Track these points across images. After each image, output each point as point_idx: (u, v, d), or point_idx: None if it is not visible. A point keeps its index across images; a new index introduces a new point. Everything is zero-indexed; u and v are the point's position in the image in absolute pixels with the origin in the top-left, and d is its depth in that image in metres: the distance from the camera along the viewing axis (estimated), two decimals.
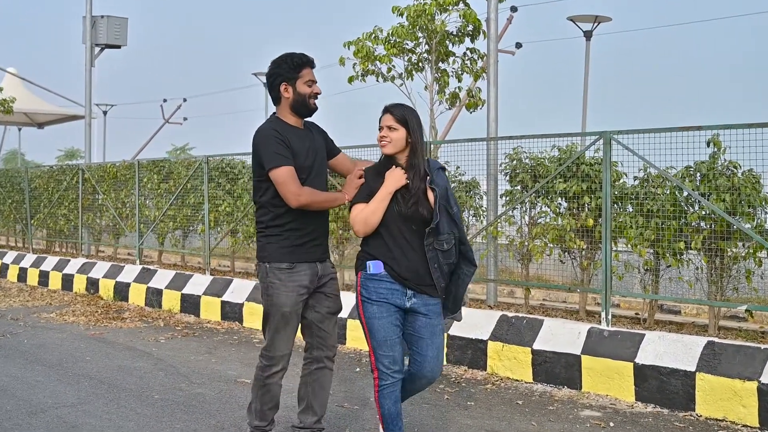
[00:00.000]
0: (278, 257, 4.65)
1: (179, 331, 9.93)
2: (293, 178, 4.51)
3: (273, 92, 4.73)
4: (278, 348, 4.74)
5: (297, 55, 4.68)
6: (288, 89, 4.66)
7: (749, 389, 5.97)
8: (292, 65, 4.66)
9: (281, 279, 4.65)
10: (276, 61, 4.70)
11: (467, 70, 10.18)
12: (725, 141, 6.96)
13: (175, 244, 13.68)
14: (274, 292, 4.67)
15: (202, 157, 12.19)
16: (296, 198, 4.51)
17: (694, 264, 7.37)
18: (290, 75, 4.66)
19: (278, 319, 4.69)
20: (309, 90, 4.68)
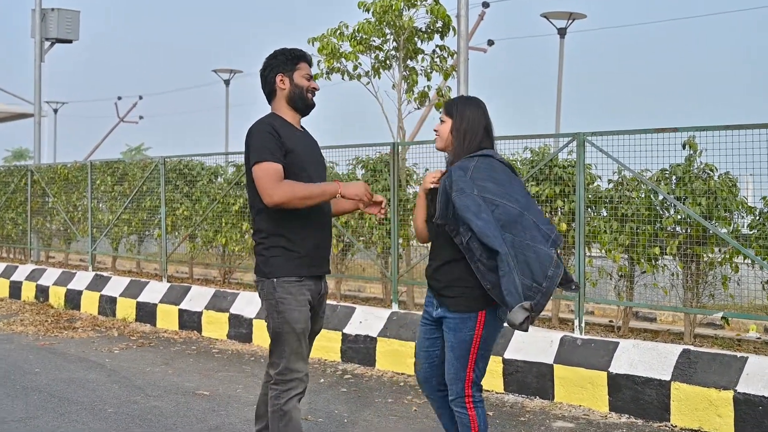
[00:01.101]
0: (287, 271, 4.41)
1: (134, 341, 9.88)
2: (272, 175, 4.26)
3: (267, 87, 4.58)
4: (297, 369, 4.44)
5: (294, 49, 4.61)
6: (284, 80, 4.51)
7: (725, 398, 6.07)
8: (290, 56, 4.55)
9: (292, 293, 4.42)
10: (271, 55, 4.60)
11: (437, 68, 10.25)
12: (702, 143, 7.08)
13: (130, 249, 13.60)
14: (287, 309, 4.40)
15: (158, 158, 12.15)
16: (269, 196, 4.24)
17: (669, 270, 7.48)
18: (287, 67, 4.53)
19: (294, 338, 4.43)
20: (307, 83, 4.55)
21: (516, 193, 4.13)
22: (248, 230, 10.96)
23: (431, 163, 9.08)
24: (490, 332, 4.25)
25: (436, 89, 10.33)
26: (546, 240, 4.06)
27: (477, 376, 4.28)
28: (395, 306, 8.86)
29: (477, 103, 4.41)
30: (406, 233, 9.19)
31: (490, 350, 4.31)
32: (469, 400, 4.28)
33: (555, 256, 4.04)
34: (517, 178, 4.26)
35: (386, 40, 10.09)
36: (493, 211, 4.06)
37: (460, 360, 4.26)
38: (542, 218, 4.13)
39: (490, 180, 4.13)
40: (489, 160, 4.22)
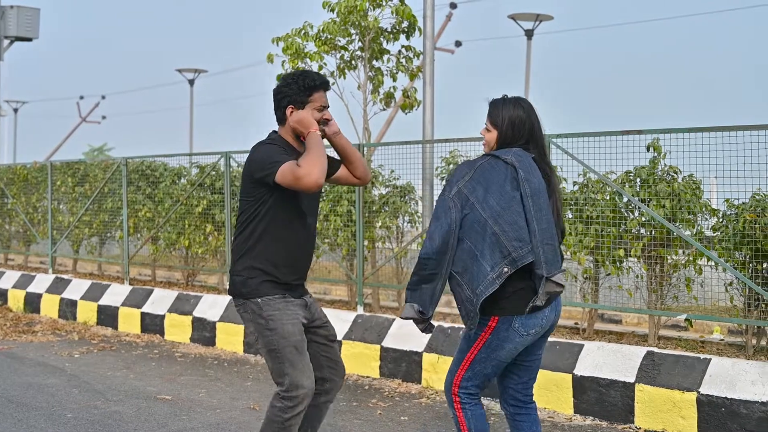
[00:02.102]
0: (266, 290, 4.35)
1: (95, 344, 9.80)
2: (292, 168, 4.15)
3: (278, 111, 4.47)
4: (302, 384, 4.31)
5: (310, 76, 4.44)
6: (294, 112, 4.41)
7: (688, 400, 6.15)
8: (303, 87, 4.39)
9: (280, 308, 4.35)
10: (286, 78, 4.46)
11: (402, 69, 10.27)
12: (666, 145, 7.16)
13: (91, 251, 13.51)
14: (278, 324, 4.32)
15: (120, 159, 12.07)
16: (306, 184, 4.12)
17: (634, 272, 7.55)
18: (299, 98, 4.39)
19: (292, 352, 4.32)
20: (319, 116, 4.43)
21: (494, 199, 4.03)
22: (212, 232, 10.93)
23: (397, 164, 9.12)
24: (497, 340, 4.12)
25: (402, 90, 10.35)
26: (503, 257, 3.98)
27: (469, 376, 4.20)
28: (360, 308, 8.86)
29: (521, 105, 4.29)
30: (372, 235, 9.21)
31: (494, 359, 4.16)
32: (456, 400, 4.25)
33: (492, 275, 3.97)
34: (507, 183, 4.07)
35: (351, 40, 10.10)
36: (466, 215, 4.05)
37: (460, 353, 4.25)
38: (513, 233, 3.99)
39: (483, 183, 4.08)
40: (495, 162, 4.13)
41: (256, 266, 4.36)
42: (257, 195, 4.35)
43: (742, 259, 6.86)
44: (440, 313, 9.70)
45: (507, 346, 4.14)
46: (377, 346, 8.07)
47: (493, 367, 4.21)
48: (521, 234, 4.00)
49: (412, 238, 9.24)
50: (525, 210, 4.03)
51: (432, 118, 9.82)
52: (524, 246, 3.99)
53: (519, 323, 4.09)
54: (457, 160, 8.61)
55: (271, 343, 4.33)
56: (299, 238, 4.45)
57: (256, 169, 4.29)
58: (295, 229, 4.42)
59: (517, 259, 3.98)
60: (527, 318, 4.09)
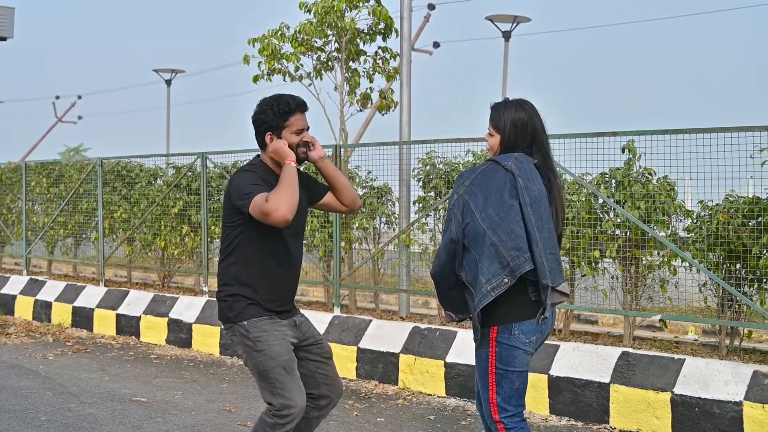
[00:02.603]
0: (252, 313, 4.33)
1: (70, 346, 9.74)
2: (263, 200, 4.13)
3: (257, 138, 4.46)
4: (293, 404, 4.27)
5: (284, 100, 4.38)
6: (273, 139, 4.36)
7: (662, 400, 6.19)
8: (278, 112, 4.35)
9: (267, 330, 4.32)
10: (261, 104, 4.42)
11: (379, 70, 10.28)
12: (640, 147, 7.21)
13: (66, 252, 13.44)
14: (265, 346, 4.29)
15: (95, 160, 12.01)
16: (274, 216, 4.08)
17: (609, 273, 7.60)
18: (276, 123, 4.35)
19: (281, 372, 4.29)
20: (297, 139, 4.39)
21: (493, 209, 3.97)
22: (188, 233, 10.89)
23: (374, 165, 9.13)
24: (505, 350, 4.02)
25: (379, 91, 10.36)
26: (502, 267, 3.92)
27: (503, 398, 4.05)
28: (337, 310, 8.87)
29: (524, 108, 4.22)
30: (348, 236, 9.22)
31: (514, 370, 4.04)
32: (501, 427, 4.06)
33: (487, 287, 3.93)
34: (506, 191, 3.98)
35: (328, 41, 10.10)
36: (467, 224, 4.01)
37: (482, 378, 4.12)
38: (511, 242, 3.93)
39: (483, 190, 4.02)
40: (495, 167, 4.05)
41: (239, 293, 4.36)
42: (236, 222, 4.34)
43: (716, 260, 6.92)
44: (416, 314, 9.73)
45: (517, 354, 4.04)
46: (354, 348, 8.08)
47: (519, 379, 4.08)
48: (518, 243, 3.94)
49: (389, 240, 9.26)
50: (525, 219, 3.97)
51: (409, 120, 9.85)
52: (521, 255, 3.93)
53: (518, 330, 4.02)
54: (434, 161, 8.63)
55: (260, 365, 4.31)
56: (281, 266, 4.42)
57: (234, 196, 4.30)
58: (277, 256, 4.40)
59: (515, 269, 3.91)
60: (525, 324, 4.03)
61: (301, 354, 4.49)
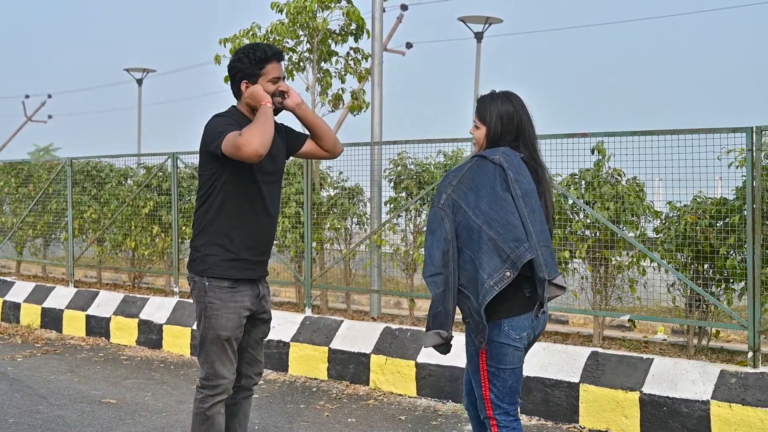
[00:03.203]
0: (220, 272, 4.34)
1: (39, 348, 9.66)
2: (235, 136, 4.09)
3: (233, 87, 4.45)
4: (221, 374, 4.38)
5: (260, 48, 4.37)
6: (248, 86, 4.37)
7: (631, 399, 6.24)
8: (255, 60, 4.33)
9: (222, 299, 4.35)
10: (237, 53, 4.41)
11: (351, 71, 10.29)
12: (610, 148, 7.27)
13: (35, 253, 13.32)
14: (213, 314, 4.34)
15: (65, 160, 11.92)
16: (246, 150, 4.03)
17: (579, 273, 7.65)
18: (252, 71, 4.34)
19: (218, 346, 4.37)
20: (273, 88, 4.37)
21: (486, 204, 3.90)
22: (158, 234, 10.84)
23: (345, 166, 9.13)
24: (496, 348, 3.96)
25: (351, 92, 10.37)
26: (502, 261, 3.82)
27: (496, 396, 4.00)
28: (308, 310, 8.86)
29: (510, 101, 4.16)
30: (320, 236, 9.21)
31: (505, 368, 3.99)
32: (493, 423, 4.03)
33: (489, 282, 3.81)
34: (497, 185, 3.92)
35: (300, 41, 10.09)
36: (459, 223, 3.92)
37: (475, 377, 4.07)
38: (509, 234, 3.84)
39: (473, 187, 3.94)
40: (483, 162, 3.99)
41: (214, 242, 4.36)
42: (212, 168, 4.32)
43: (684, 261, 6.99)
44: (388, 314, 9.74)
45: (508, 351, 3.97)
46: (325, 348, 8.07)
47: (511, 377, 4.01)
48: (517, 233, 3.85)
49: (360, 240, 9.26)
50: (518, 211, 3.90)
51: (380, 120, 9.86)
52: (521, 245, 3.83)
53: (507, 326, 3.94)
54: (405, 162, 8.65)
55: (203, 331, 4.40)
56: (257, 214, 4.41)
57: (207, 141, 4.28)
58: (252, 203, 4.39)
59: (516, 260, 3.81)
60: (515, 320, 3.95)
61: (247, 324, 4.53)
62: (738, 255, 6.65)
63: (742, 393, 5.88)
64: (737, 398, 5.87)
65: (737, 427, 5.80)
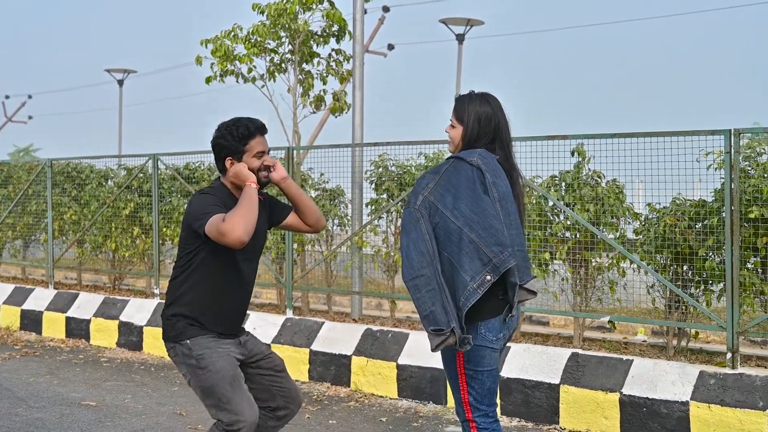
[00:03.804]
0: (194, 332, 4.26)
1: (18, 350, 9.60)
2: (219, 221, 4.05)
3: (218, 163, 4.40)
4: (242, 417, 4.16)
5: (243, 124, 4.30)
6: (234, 164, 4.29)
7: (611, 400, 6.27)
8: (238, 136, 4.27)
9: (209, 347, 4.24)
10: (220, 129, 4.35)
11: (332, 72, 10.28)
12: (590, 150, 7.29)
13: (14, 255, 13.24)
14: (209, 362, 4.22)
15: (45, 161, 11.85)
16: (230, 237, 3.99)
17: (559, 275, 7.67)
18: (235, 148, 4.27)
19: (228, 386, 4.20)
20: (258, 163, 4.30)
21: (466, 206, 3.86)
22: (139, 235, 10.79)
23: (326, 167, 9.13)
24: (473, 350, 3.91)
25: (333, 93, 10.36)
26: (483, 264, 3.80)
27: (474, 398, 3.98)
28: (289, 312, 8.84)
29: (488, 102, 4.14)
30: (301, 238, 9.19)
31: (483, 370, 3.96)
32: (473, 426, 4.01)
33: (473, 285, 3.79)
34: (477, 187, 3.89)
35: (281, 43, 10.07)
36: (436, 224, 3.89)
37: (452, 380, 4.03)
38: (491, 238, 3.81)
39: (451, 189, 3.90)
40: (460, 164, 3.95)
41: (184, 314, 4.30)
42: (194, 244, 4.27)
43: (663, 262, 7.02)
44: (369, 316, 9.73)
45: (485, 353, 3.95)
46: (306, 350, 8.06)
47: (489, 378, 4.01)
48: (500, 238, 3.83)
49: (342, 241, 9.25)
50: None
51: (362, 122, 9.86)
52: (504, 250, 3.82)
53: (484, 328, 3.92)
54: (386, 164, 8.65)
55: (205, 381, 4.23)
56: (231, 291, 4.36)
57: (191, 219, 4.23)
58: (228, 280, 4.34)
59: (499, 265, 3.80)
60: (491, 323, 3.94)
61: (250, 370, 4.43)
62: (717, 256, 6.68)
63: (721, 394, 5.91)
64: (716, 399, 5.90)
65: (716, 427, 5.84)
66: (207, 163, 10.33)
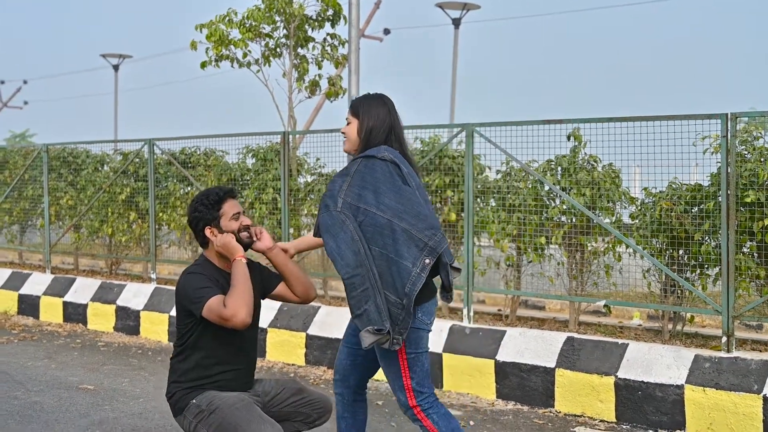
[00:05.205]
0: (198, 393, 4.27)
1: (16, 334, 9.60)
2: (218, 306, 4.09)
3: (198, 237, 4.44)
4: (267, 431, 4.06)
5: (212, 192, 4.39)
6: (213, 231, 4.33)
7: (606, 384, 6.28)
8: (209, 204, 4.34)
9: (216, 395, 4.23)
10: (193, 204, 4.41)
11: (327, 57, 10.25)
12: (586, 135, 7.28)
13: (11, 240, 13.22)
14: (218, 404, 4.17)
15: (41, 146, 11.81)
16: (233, 323, 4.05)
17: (555, 259, 7.67)
18: (211, 216, 4.33)
19: (242, 413, 4.12)
20: (236, 224, 4.36)
21: (390, 198, 3.98)
22: (135, 220, 10.78)
23: (322, 152, 9.11)
24: (413, 332, 4.03)
25: (328, 78, 10.33)
26: (420, 249, 3.92)
27: (417, 382, 4.07)
28: None
29: (383, 101, 4.28)
30: (297, 223, 9.18)
31: (422, 351, 4.09)
32: (418, 411, 4.08)
33: (416, 270, 3.91)
34: (396, 179, 4.04)
35: (276, 27, 10.04)
36: (361, 222, 3.96)
37: (392, 367, 4.09)
38: (422, 223, 3.95)
39: (369, 186, 4.00)
40: (371, 162, 4.06)
41: (187, 387, 4.29)
42: (189, 323, 4.28)
43: (659, 247, 7.02)
44: None
45: (423, 335, 4.09)
46: (303, 334, 8.07)
47: (426, 359, 4.13)
48: (431, 222, 3.97)
49: None
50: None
51: None
52: (437, 233, 3.96)
53: (421, 312, 4.05)
54: None
55: (219, 420, 4.15)
56: (235, 362, 4.35)
57: (185, 301, 4.25)
58: (229, 352, 4.32)
59: (435, 247, 3.94)
60: (426, 306, 4.08)
61: (274, 409, 4.40)
62: (712, 241, 6.68)
63: (716, 377, 5.93)
64: (711, 382, 5.92)
65: (711, 410, 5.85)
66: (203, 148, 10.30)
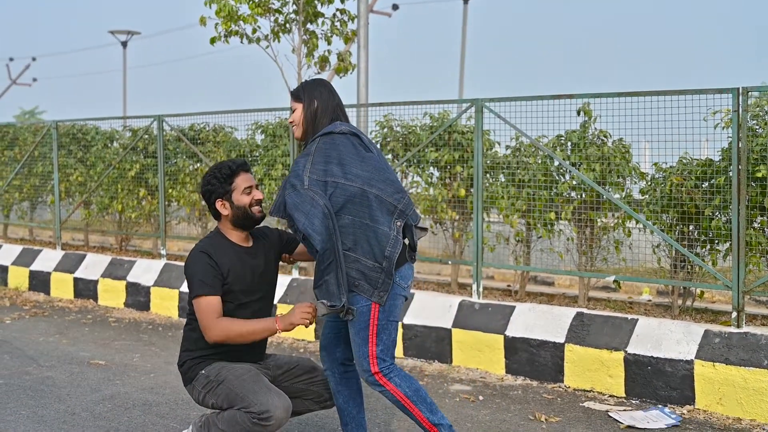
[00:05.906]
0: (207, 363, 4.35)
1: (27, 310, 9.64)
2: (211, 312, 4.18)
3: (212, 210, 4.48)
4: (272, 404, 4.06)
5: (225, 165, 4.42)
6: (225, 205, 4.39)
7: (616, 359, 6.28)
8: (222, 177, 4.38)
9: (224, 365, 4.30)
10: (206, 177, 4.45)
11: (337, 33, 10.20)
12: (596, 110, 7.24)
13: (22, 216, 13.25)
14: (226, 375, 4.23)
15: (50, 123, 11.81)
16: (207, 335, 4.18)
17: (565, 234, 7.65)
18: (223, 189, 4.38)
19: (248, 384, 4.16)
20: (248, 198, 4.40)
21: (357, 168, 4.08)
22: (145, 196, 10.79)
23: None
24: (390, 298, 4.10)
25: (337, 54, 10.28)
26: (390, 213, 4.04)
27: (382, 349, 4.12)
28: (295, 272, 8.85)
29: (323, 83, 4.38)
30: None
31: (392, 320, 4.15)
32: (380, 376, 4.14)
33: (393, 233, 4.02)
34: (359, 149, 4.16)
35: (286, 2, 9.99)
36: (331, 194, 4.03)
37: (361, 333, 4.13)
38: (390, 188, 4.08)
39: (333, 160, 4.08)
40: (330, 137, 4.15)
41: (198, 356, 4.37)
42: None
43: (669, 222, 6.99)
44: None
45: (398, 302, 4.16)
46: None
47: (395, 329, 4.19)
48: (398, 186, 4.12)
49: None
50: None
51: (366, 82, 9.79)
52: (405, 195, 4.11)
53: (398, 277, 4.13)
54: (391, 124, 8.60)
55: (226, 390, 4.20)
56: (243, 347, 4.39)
57: (187, 280, 4.32)
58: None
59: (405, 209, 4.08)
60: (403, 270, 4.16)
61: (285, 383, 4.47)
62: (723, 216, 6.65)
63: (726, 352, 5.92)
64: (721, 358, 5.91)
65: (720, 385, 5.85)
66: (212, 125, 10.29)
